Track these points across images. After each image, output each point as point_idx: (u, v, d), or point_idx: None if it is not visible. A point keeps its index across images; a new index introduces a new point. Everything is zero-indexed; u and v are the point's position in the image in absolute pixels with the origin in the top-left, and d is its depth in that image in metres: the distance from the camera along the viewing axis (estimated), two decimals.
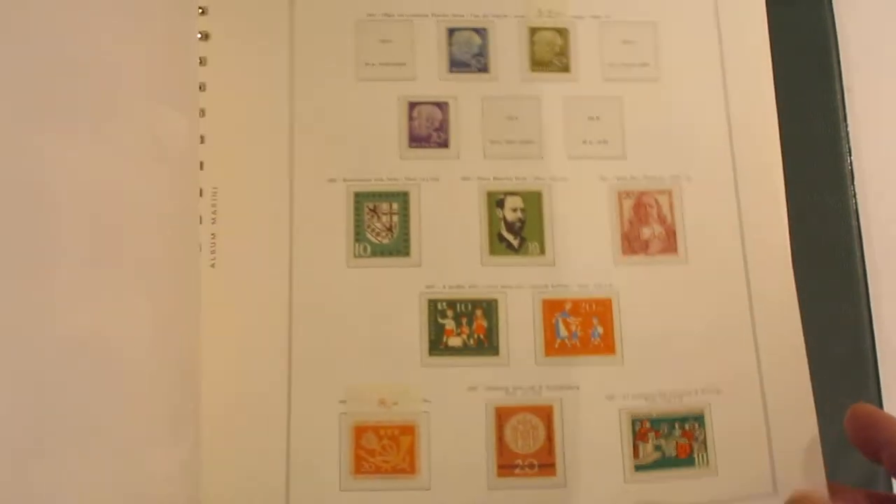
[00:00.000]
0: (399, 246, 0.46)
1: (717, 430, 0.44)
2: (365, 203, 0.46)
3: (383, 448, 0.44)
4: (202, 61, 0.47)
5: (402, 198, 0.46)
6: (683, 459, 0.44)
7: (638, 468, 0.43)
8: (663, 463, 0.44)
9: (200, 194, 0.46)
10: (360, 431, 0.44)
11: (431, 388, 0.44)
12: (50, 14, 0.35)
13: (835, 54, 0.49)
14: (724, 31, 0.49)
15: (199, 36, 0.48)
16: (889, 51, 0.51)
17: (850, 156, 0.48)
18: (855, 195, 0.47)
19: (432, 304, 0.45)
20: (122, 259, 0.38)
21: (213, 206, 0.46)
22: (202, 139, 0.46)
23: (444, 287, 0.45)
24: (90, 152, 0.37)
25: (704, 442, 0.44)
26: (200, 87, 0.47)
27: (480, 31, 0.49)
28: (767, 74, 0.48)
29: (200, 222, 0.45)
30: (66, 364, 0.34)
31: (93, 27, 0.37)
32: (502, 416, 0.44)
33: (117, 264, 0.38)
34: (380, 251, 0.46)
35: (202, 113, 0.47)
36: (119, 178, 0.38)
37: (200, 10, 0.48)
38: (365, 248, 0.46)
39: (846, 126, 0.48)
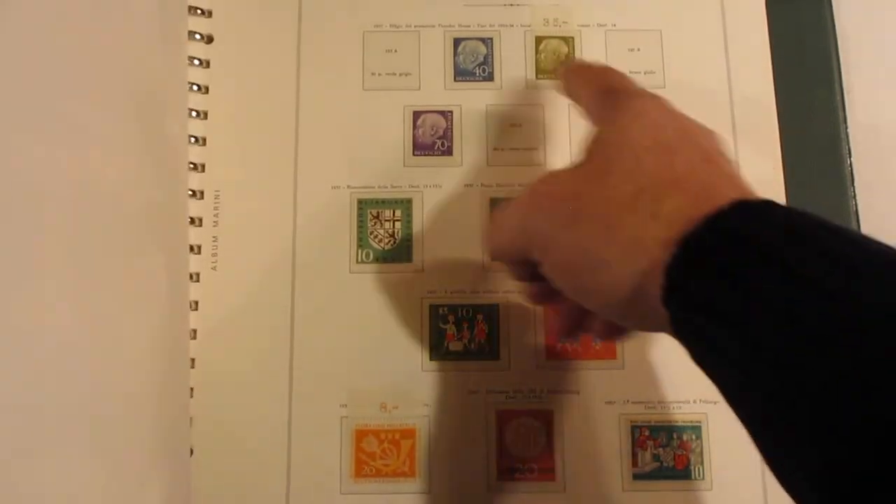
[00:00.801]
0: (401, 252, 0.43)
1: (713, 443, 0.42)
2: (368, 210, 0.44)
3: (384, 451, 0.41)
4: (206, 63, 0.45)
5: (406, 205, 0.44)
6: (680, 471, 0.41)
7: (636, 476, 0.41)
8: (661, 473, 0.41)
9: (202, 196, 0.44)
10: (360, 435, 0.41)
11: (432, 392, 0.42)
12: (36, 14, 0.33)
13: (835, 54, 0.47)
14: (730, 38, 0.47)
15: (200, 38, 0.45)
16: (889, 51, 0.49)
17: (850, 156, 0.46)
18: (855, 195, 0.45)
19: (434, 308, 0.43)
20: (108, 260, 0.36)
21: (216, 208, 0.44)
22: (204, 141, 0.44)
23: (445, 292, 0.43)
24: (77, 152, 0.35)
25: (701, 454, 0.42)
26: (204, 90, 0.45)
27: (486, 41, 0.46)
28: (768, 78, 0.46)
29: (201, 225, 0.44)
30: (54, 366, 0.32)
31: (79, 26, 0.35)
32: (503, 419, 0.42)
33: (104, 265, 0.35)
34: (382, 257, 0.43)
35: (205, 115, 0.45)
36: (106, 179, 0.36)
37: (205, 13, 0.46)
38: (368, 255, 0.43)
39: (846, 127, 0.46)
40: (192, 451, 0.41)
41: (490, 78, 0.46)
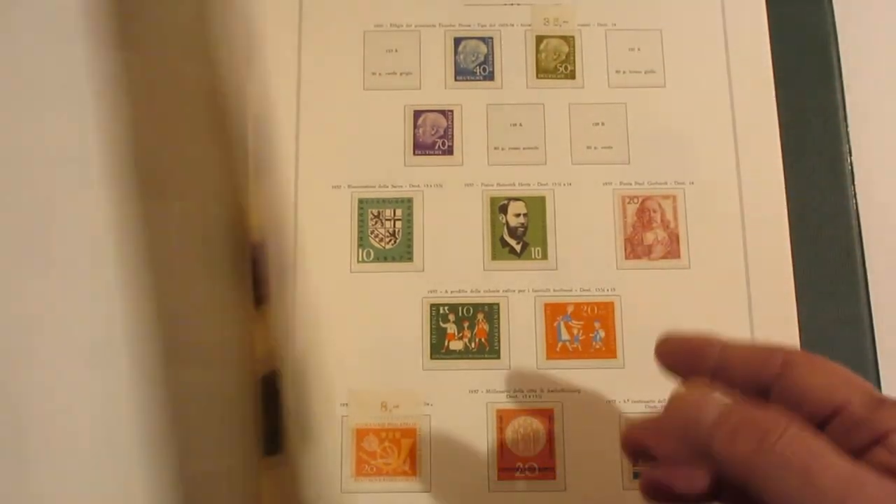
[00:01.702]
0: (402, 251, 0.43)
1: None
2: (369, 209, 0.44)
3: (384, 451, 0.41)
4: None
5: (406, 204, 0.44)
6: None
7: (637, 475, 0.41)
8: None
9: None
10: (361, 434, 0.41)
11: (433, 391, 0.42)
12: None
13: (835, 54, 0.47)
14: (730, 37, 0.46)
15: None
16: (889, 50, 0.49)
17: (850, 156, 0.45)
18: (855, 195, 0.45)
19: (434, 308, 0.43)
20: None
21: None
22: None
23: (446, 292, 0.43)
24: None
25: None
26: None
27: (486, 40, 0.46)
28: (768, 78, 0.46)
29: None
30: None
31: None
32: (503, 419, 0.41)
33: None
34: (383, 256, 0.43)
35: None
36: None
37: None
38: (368, 254, 0.43)
39: (846, 126, 0.46)
40: None
41: (491, 77, 0.46)
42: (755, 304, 0.43)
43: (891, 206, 0.47)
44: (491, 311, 0.43)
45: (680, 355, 0.30)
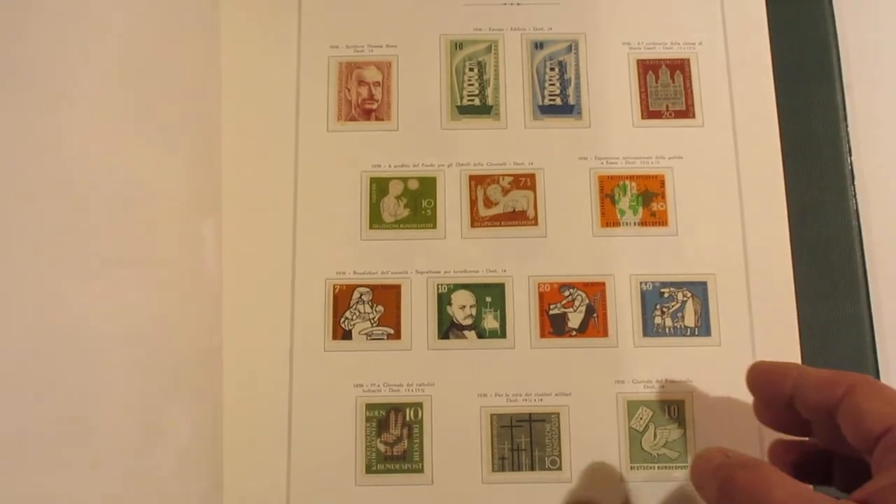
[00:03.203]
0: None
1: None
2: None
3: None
4: None
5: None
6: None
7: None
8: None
9: None
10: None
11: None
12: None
13: (835, 54, 0.46)
14: (730, 38, 0.46)
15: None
16: (889, 51, 0.49)
17: (850, 155, 0.45)
18: (855, 195, 0.45)
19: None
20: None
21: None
22: None
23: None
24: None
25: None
26: None
27: None
28: (768, 78, 0.46)
29: None
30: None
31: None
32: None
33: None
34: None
35: None
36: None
37: None
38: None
39: (846, 126, 0.46)
40: None
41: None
42: (755, 304, 0.43)
43: (891, 206, 0.47)
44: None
45: (764, 380, 0.35)
